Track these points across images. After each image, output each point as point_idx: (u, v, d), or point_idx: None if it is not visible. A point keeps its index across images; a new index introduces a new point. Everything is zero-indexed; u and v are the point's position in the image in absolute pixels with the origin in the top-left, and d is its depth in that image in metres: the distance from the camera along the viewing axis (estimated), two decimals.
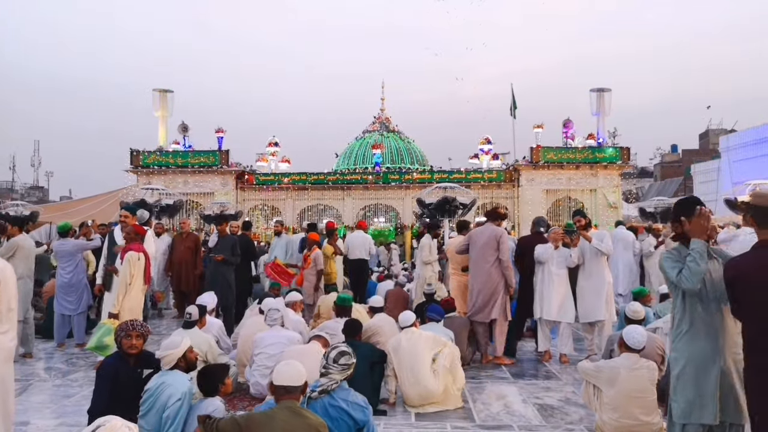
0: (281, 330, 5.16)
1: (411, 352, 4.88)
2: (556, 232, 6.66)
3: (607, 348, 5.36)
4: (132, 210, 6.36)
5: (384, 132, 31.25)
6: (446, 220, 15.26)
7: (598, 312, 6.39)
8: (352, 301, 5.89)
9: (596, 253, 6.37)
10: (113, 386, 3.91)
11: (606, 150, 23.80)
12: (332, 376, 3.46)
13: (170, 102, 24.89)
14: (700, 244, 2.94)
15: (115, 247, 6.34)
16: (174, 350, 3.58)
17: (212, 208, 19.96)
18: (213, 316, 6.14)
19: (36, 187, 62.77)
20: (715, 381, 2.93)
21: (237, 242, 7.61)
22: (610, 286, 6.54)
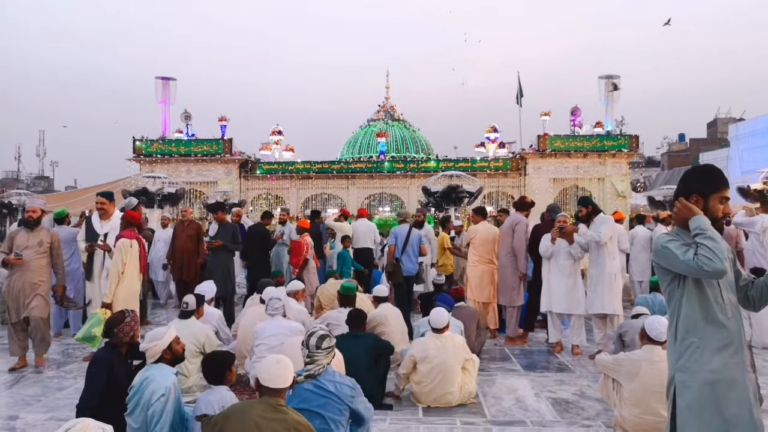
0: (282, 320, 4.93)
1: (442, 365, 4.57)
2: (554, 230, 6.32)
3: (615, 335, 5.13)
4: (108, 196, 6.09)
5: (389, 121, 30.94)
6: (452, 209, 15.03)
7: (598, 304, 6.07)
8: (356, 290, 5.65)
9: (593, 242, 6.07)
10: (108, 380, 3.70)
11: (614, 138, 23.43)
12: (318, 361, 3.29)
13: (173, 90, 24.65)
14: (703, 219, 2.33)
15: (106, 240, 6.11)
16: (158, 342, 3.35)
17: (215, 197, 19.79)
18: (213, 305, 5.91)
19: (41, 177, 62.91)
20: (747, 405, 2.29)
21: (238, 230, 7.35)
22: (613, 276, 6.07)
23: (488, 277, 7.17)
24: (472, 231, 7.29)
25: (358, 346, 4.51)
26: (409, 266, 7.63)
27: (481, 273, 7.11)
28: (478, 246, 7.17)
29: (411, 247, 7.60)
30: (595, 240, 5.96)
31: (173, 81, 24.67)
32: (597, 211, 6.26)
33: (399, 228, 7.85)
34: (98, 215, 5.93)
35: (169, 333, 3.40)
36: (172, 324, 4.93)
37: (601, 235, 5.94)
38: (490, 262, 7.18)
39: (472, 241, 7.21)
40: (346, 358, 4.27)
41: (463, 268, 9.32)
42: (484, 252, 7.13)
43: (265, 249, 9.50)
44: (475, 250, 7.19)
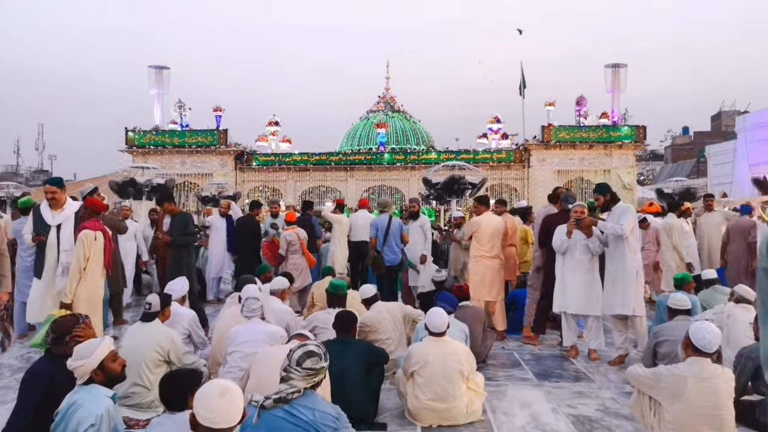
0: (260, 324, 4.27)
1: (442, 373, 3.91)
2: (570, 222, 5.64)
3: (649, 346, 4.44)
4: (57, 183, 5.41)
5: (389, 112, 30.27)
6: (454, 201, 14.37)
7: (618, 304, 5.40)
8: (346, 288, 4.99)
9: (614, 236, 5.39)
10: (46, 396, 3.07)
11: (621, 129, 22.75)
12: (293, 383, 2.64)
13: (166, 79, 23.97)
14: None
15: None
16: (85, 360, 2.69)
17: (210, 189, 19.14)
18: (186, 305, 5.25)
19: (40, 171, 62.50)
20: None
21: (190, 220, 6.52)
22: (634, 273, 5.39)
23: (493, 274, 6.52)
24: (474, 223, 6.60)
25: (347, 355, 3.86)
26: (392, 256, 7.60)
27: (485, 269, 6.45)
28: (481, 239, 6.50)
29: (392, 237, 7.60)
30: (617, 233, 5.29)
31: (167, 70, 24.02)
32: (615, 199, 5.58)
33: (379, 219, 7.79)
34: (48, 204, 5.26)
35: (99, 349, 2.74)
36: (130, 329, 4.29)
37: (623, 227, 5.28)
38: (495, 256, 6.52)
39: (475, 234, 6.53)
40: (332, 369, 3.62)
41: (464, 262, 8.66)
42: (489, 246, 6.46)
43: (255, 242, 8.87)
44: (478, 243, 6.51)
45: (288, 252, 8.40)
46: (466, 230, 6.73)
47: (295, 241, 8.36)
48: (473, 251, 6.59)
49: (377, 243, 7.56)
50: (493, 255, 6.49)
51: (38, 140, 63.69)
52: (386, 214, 7.81)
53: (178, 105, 24.14)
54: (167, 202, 6.58)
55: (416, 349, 4.07)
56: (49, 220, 5.22)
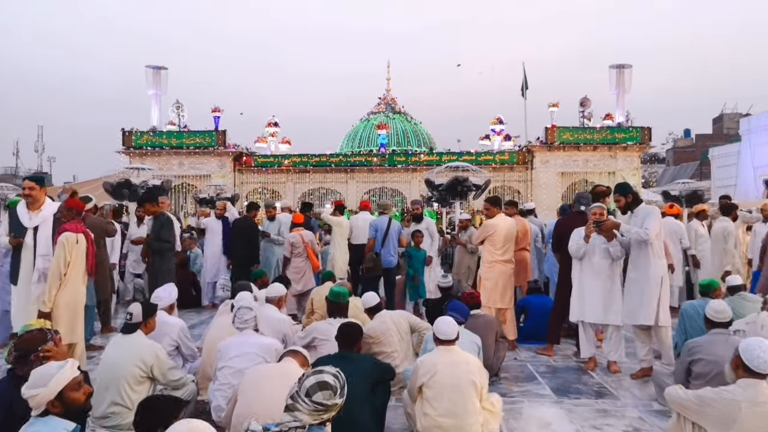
0: (253, 336, 3.88)
1: (454, 387, 3.49)
2: (589, 225, 5.21)
3: (682, 362, 4.03)
4: (38, 180, 5.02)
5: (390, 113, 29.94)
6: (457, 203, 13.98)
7: (638, 314, 5.00)
8: (348, 295, 4.59)
9: (638, 240, 4.99)
10: (3, 423, 2.69)
11: (626, 130, 22.38)
12: (298, 415, 2.24)
13: (164, 80, 23.61)
14: None
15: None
16: (40, 390, 2.29)
17: (208, 190, 18.77)
18: (175, 314, 4.86)
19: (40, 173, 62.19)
20: None
21: (166, 223, 6.08)
22: (659, 280, 4.98)
23: (506, 280, 6.13)
24: (490, 226, 6.19)
25: (351, 372, 3.45)
26: (389, 258, 7.55)
27: (498, 275, 6.04)
28: (496, 243, 6.09)
29: (390, 240, 7.57)
30: (642, 238, 4.88)
31: (165, 70, 23.66)
32: (638, 201, 5.19)
33: (379, 220, 7.69)
34: (25, 204, 4.86)
35: (58, 377, 2.32)
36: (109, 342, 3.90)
37: (648, 231, 4.88)
38: (508, 261, 6.13)
39: (489, 238, 6.12)
40: None
41: (468, 266, 8.27)
42: (503, 250, 6.06)
43: (253, 245, 8.46)
44: (493, 247, 6.10)
45: (292, 254, 8.05)
46: (480, 234, 6.30)
47: (299, 243, 7.98)
48: (487, 256, 6.17)
49: (375, 244, 7.49)
50: (507, 260, 6.10)
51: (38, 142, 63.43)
52: (386, 216, 7.73)
53: (176, 106, 23.80)
54: (149, 203, 6.18)
55: (424, 360, 3.68)
56: (26, 221, 4.83)
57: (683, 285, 8.62)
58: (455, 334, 3.71)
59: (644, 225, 4.93)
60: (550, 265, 8.45)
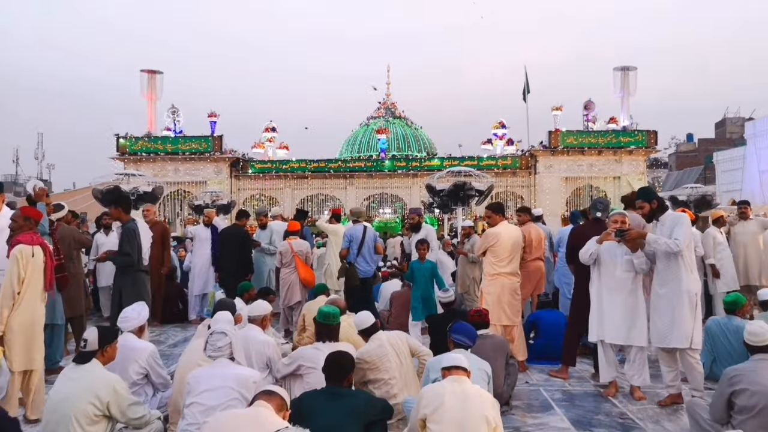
0: (228, 366, 3.34)
1: (461, 419, 2.96)
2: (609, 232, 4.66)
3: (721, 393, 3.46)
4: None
5: (390, 118, 29.46)
6: (459, 209, 13.46)
7: (669, 336, 4.44)
8: (339, 316, 4.05)
9: (667, 253, 4.45)
10: None
11: (631, 134, 21.85)
12: None
13: (159, 84, 23.13)
14: None
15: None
16: None
17: (204, 197, 18.27)
18: (145, 336, 4.31)
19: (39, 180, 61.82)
20: None
21: (126, 233, 5.39)
22: (691, 296, 4.44)
23: (511, 294, 5.59)
24: (492, 235, 5.66)
25: (340, 412, 2.94)
26: (366, 267, 7.34)
27: (501, 288, 5.50)
28: (500, 254, 5.56)
29: (366, 248, 7.34)
30: (672, 250, 4.34)
31: (160, 74, 23.19)
32: (663, 207, 4.65)
33: (353, 228, 7.41)
34: None
35: None
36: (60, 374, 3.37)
37: (679, 241, 4.34)
38: (513, 274, 5.59)
39: (491, 249, 5.58)
40: (321, 428, 2.72)
41: (472, 278, 7.74)
42: (507, 261, 5.53)
43: (243, 256, 7.94)
44: (496, 259, 5.56)
45: (282, 265, 7.57)
46: (481, 244, 5.78)
47: (287, 253, 7.49)
48: (489, 268, 5.65)
49: (349, 254, 7.28)
50: (512, 272, 5.57)
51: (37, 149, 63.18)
52: (360, 224, 7.45)
53: (172, 110, 23.30)
54: (115, 207, 5.60)
55: (429, 390, 3.15)
56: None
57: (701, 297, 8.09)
58: (466, 361, 3.18)
59: (673, 234, 4.38)
60: (560, 276, 7.93)
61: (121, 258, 5.40)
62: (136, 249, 5.37)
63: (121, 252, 5.40)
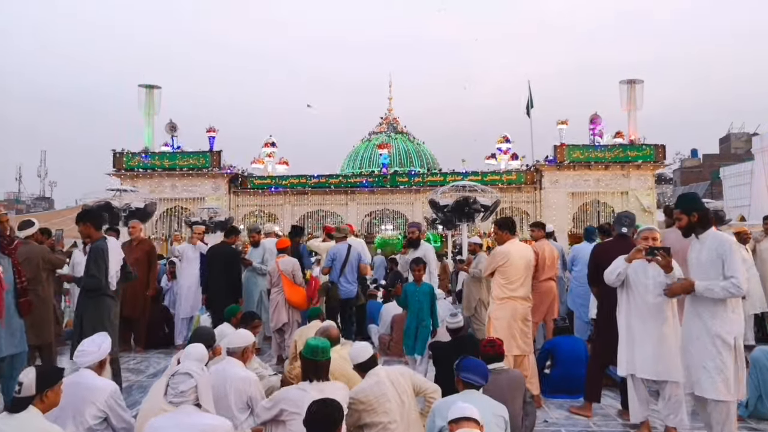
0: (192, 415, 2.76)
1: None
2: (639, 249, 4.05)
3: None
4: None
5: (392, 133, 29.04)
6: (464, 225, 12.90)
7: (705, 383, 3.69)
8: (328, 350, 3.47)
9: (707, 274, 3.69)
10: None
11: (639, 148, 21.32)
12: None
13: (157, 99, 22.75)
14: None
15: None
16: None
17: (201, 214, 17.76)
18: (106, 373, 3.74)
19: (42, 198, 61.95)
20: None
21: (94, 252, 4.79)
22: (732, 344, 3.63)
23: (522, 320, 5.01)
24: (501, 254, 5.05)
25: None
26: (348, 287, 7.16)
27: (512, 314, 4.91)
28: (510, 275, 4.97)
29: (350, 267, 7.16)
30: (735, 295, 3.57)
31: (158, 89, 22.82)
32: (706, 222, 3.84)
33: (337, 247, 7.26)
34: None
35: None
36: None
37: (738, 281, 3.51)
38: (524, 298, 5.01)
39: (500, 269, 4.99)
40: None
41: (479, 299, 7.16)
42: (518, 284, 4.95)
43: (231, 276, 7.37)
44: (505, 280, 4.97)
45: (271, 285, 7.04)
46: (488, 264, 5.20)
47: (274, 272, 6.97)
48: (497, 291, 5.06)
49: (331, 272, 7.13)
50: (523, 296, 4.99)
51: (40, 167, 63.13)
52: (344, 243, 7.27)
53: (170, 126, 22.88)
54: (83, 223, 5.02)
55: None
56: None
57: None
58: (477, 412, 2.62)
59: (726, 270, 3.57)
60: (574, 297, 7.36)
61: (87, 280, 4.83)
62: (103, 270, 4.81)
63: (87, 273, 4.83)
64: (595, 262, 4.72)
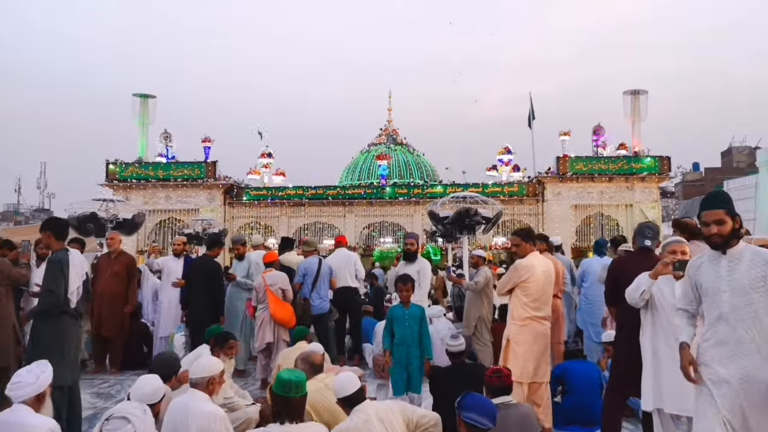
0: None
1: None
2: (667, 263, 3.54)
3: None
4: None
5: (391, 145, 28.60)
6: (465, 237, 12.37)
7: None
8: (303, 385, 2.90)
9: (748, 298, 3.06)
10: None
11: (643, 160, 20.84)
12: None
13: (152, 109, 22.32)
14: None
15: None
16: None
17: (194, 225, 17.24)
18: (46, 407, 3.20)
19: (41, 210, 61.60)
20: None
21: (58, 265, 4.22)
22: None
23: (544, 344, 4.48)
24: (524, 268, 4.50)
25: None
26: (320, 303, 6.95)
27: (534, 338, 4.37)
28: (532, 292, 4.45)
29: (322, 282, 6.94)
30: None
31: (152, 98, 22.40)
32: (738, 232, 3.09)
33: (307, 261, 7.04)
34: None
35: None
36: None
37: None
38: (545, 318, 4.49)
39: (522, 286, 4.46)
40: None
41: (479, 317, 6.62)
42: (540, 302, 4.42)
43: (214, 291, 6.83)
44: (528, 299, 4.45)
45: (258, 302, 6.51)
46: (508, 279, 4.62)
47: (260, 288, 6.43)
48: (519, 311, 4.49)
49: (303, 288, 6.89)
50: (544, 316, 4.47)
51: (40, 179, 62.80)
52: (314, 256, 7.06)
53: (164, 135, 22.44)
54: (43, 231, 4.50)
55: None
56: None
57: None
58: None
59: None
60: (584, 315, 6.85)
61: (45, 296, 4.31)
62: (62, 285, 4.27)
63: (43, 288, 4.31)
64: (615, 278, 4.19)
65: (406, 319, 4.77)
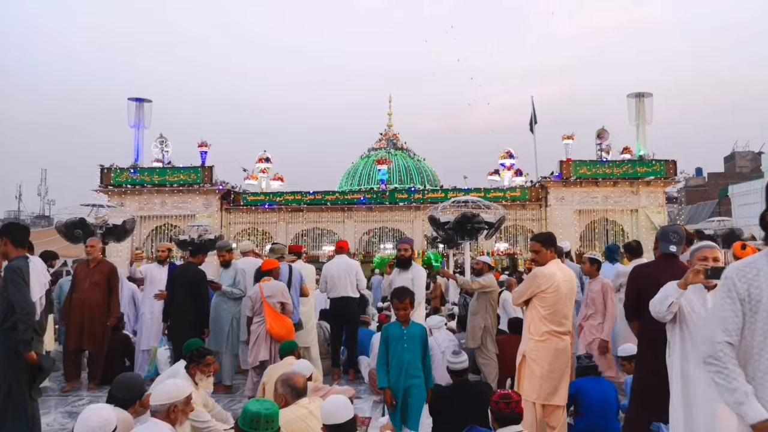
0: None
1: None
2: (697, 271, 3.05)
3: None
4: None
5: (391, 150, 28.23)
6: (467, 243, 11.92)
7: None
8: (275, 419, 2.44)
9: None
10: None
11: (648, 164, 20.38)
12: None
13: (147, 113, 21.93)
14: None
15: None
16: None
17: (189, 232, 16.81)
18: None
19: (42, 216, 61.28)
20: None
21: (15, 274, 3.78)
22: None
23: (564, 362, 4.00)
24: (544, 277, 4.03)
25: None
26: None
27: (553, 355, 3.89)
28: (551, 304, 3.99)
29: (294, 290, 6.45)
30: None
31: (148, 103, 22.01)
32: None
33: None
34: None
35: None
36: None
37: None
38: (566, 333, 4.02)
39: (542, 297, 3.99)
40: None
41: (483, 327, 6.16)
42: (561, 315, 3.96)
43: (197, 302, 6.35)
44: (547, 311, 3.99)
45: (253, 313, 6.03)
46: (526, 288, 4.14)
47: (256, 298, 5.94)
48: (537, 325, 4.02)
49: None
50: (565, 331, 4.00)
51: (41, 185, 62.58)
52: (285, 264, 6.56)
53: (160, 140, 22.04)
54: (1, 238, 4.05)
55: None
56: None
57: None
58: None
59: None
60: None
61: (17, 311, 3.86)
62: (28, 294, 3.84)
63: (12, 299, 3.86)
64: (637, 288, 3.73)
65: (404, 340, 4.08)
